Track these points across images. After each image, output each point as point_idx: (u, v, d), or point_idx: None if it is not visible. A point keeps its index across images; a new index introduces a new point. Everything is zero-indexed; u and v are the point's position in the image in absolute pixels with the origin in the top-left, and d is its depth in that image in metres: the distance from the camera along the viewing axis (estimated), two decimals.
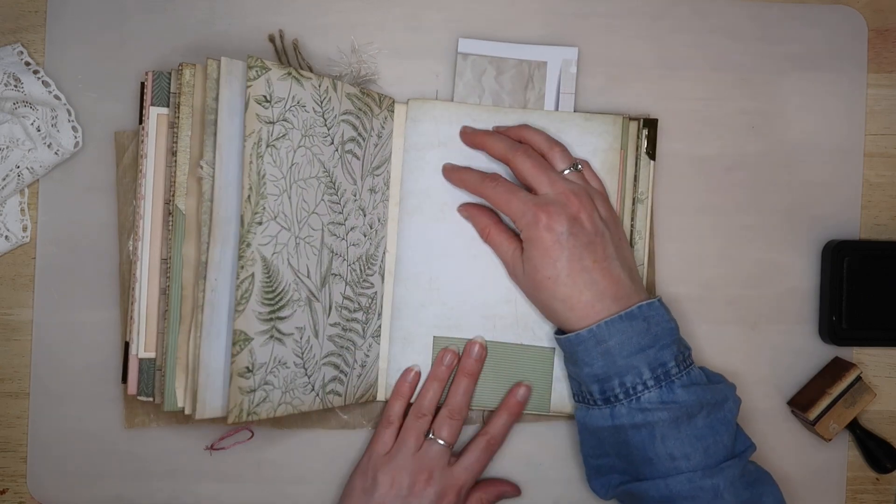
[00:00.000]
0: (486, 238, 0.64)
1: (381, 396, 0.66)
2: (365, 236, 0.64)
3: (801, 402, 0.67)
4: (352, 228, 0.63)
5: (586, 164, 0.64)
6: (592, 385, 0.59)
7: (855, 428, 0.67)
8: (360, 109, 0.64)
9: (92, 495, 0.66)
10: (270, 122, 0.58)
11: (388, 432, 0.64)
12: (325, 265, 0.62)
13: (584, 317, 0.58)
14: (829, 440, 0.66)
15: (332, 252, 0.62)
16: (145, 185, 0.62)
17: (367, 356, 0.65)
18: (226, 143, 0.58)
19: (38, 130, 0.64)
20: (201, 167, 0.58)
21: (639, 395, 0.57)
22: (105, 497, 0.66)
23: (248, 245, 0.57)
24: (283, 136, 0.59)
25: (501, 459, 0.67)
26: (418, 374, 0.65)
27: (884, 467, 0.67)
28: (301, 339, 0.60)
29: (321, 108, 0.61)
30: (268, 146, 0.58)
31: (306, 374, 0.61)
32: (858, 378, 0.66)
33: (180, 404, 0.60)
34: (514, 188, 0.61)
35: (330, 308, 0.62)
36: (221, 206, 0.58)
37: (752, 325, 0.68)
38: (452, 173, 0.65)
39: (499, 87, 0.66)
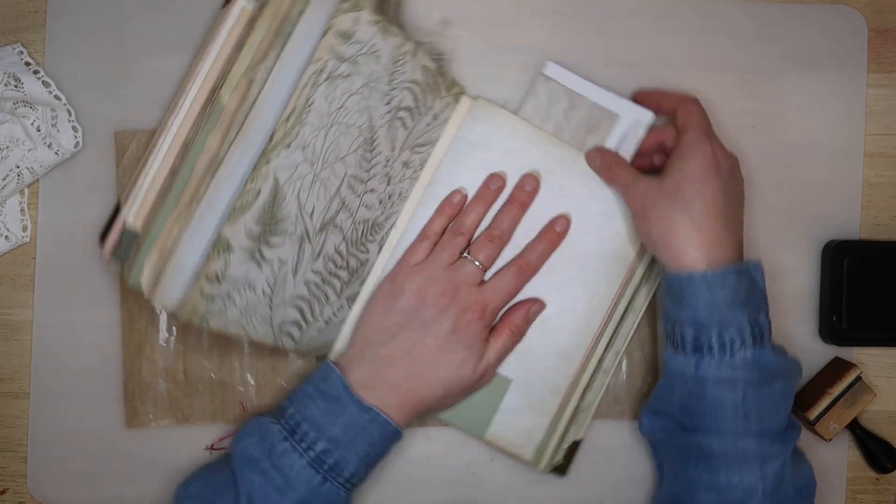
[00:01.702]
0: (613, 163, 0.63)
1: (333, 357, 0.65)
2: (380, 203, 0.64)
3: (801, 402, 0.67)
4: (370, 190, 0.63)
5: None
6: (688, 328, 0.57)
7: (855, 428, 0.67)
8: (428, 84, 0.63)
9: (92, 495, 0.66)
10: (340, 59, 0.58)
11: (423, 245, 0.63)
12: (331, 214, 0.61)
13: (706, 251, 0.57)
14: (829, 440, 0.66)
15: (343, 204, 0.62)
16: (204, 63, 0.60)
17: (335, 316, 0.64)
18: (290, 58, 0.57)
19: (38, 130, 0.64)
20: (258, 70, 0.58)
21: (735, 351, 0.56)
22: (105, 497, 0.66)
23: (268, 161, 0.57)
24: (346, 76, 0.58)
25: (500, 458, 0.67)
26: (465, 197, 0.64)
27: (884, 467, 0.67)
28: (279, 270, 0.60)
29: (393, 67, 0.60)
30: (327, 79, 0.58)
31: (270, 307, 0.60)
32: (858, 378, 0.66)
33: (143, 283, 0.58)
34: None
35: (318, 255, 0.61)
36: (260, 115, 0.57)
37: None
38: (648, 93, 0.65)
39: (565, 120, 0.65)
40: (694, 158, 0.58)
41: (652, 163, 0.65)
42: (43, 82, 0.65)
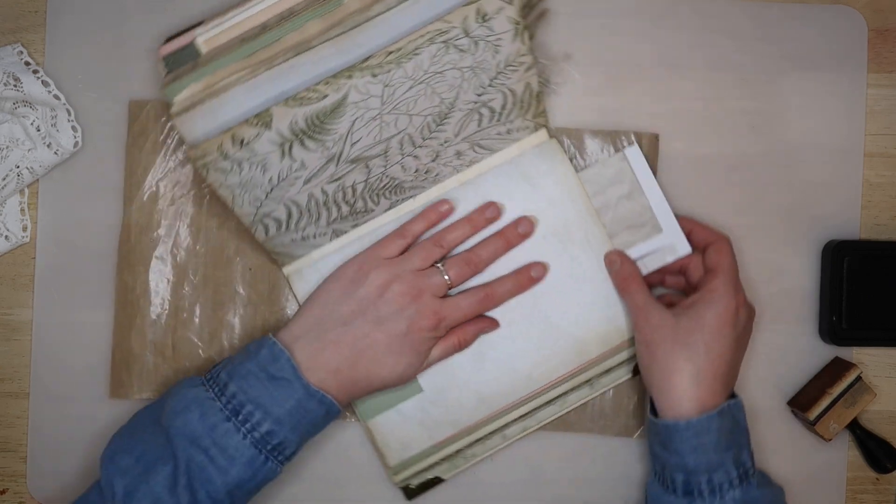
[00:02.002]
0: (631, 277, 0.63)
1: (286, 271, 0.65)
2: (415, 171, 0.64)
3: (801, 402, 0.67)
4: (415, 156, 0.63)
5: None
6: (677, 474, 0.58)
7: (855, 428, 0.67)
8: (521, 101, 0.63)
9: None
10: (466, 33, 0.59)
11: (398, 242, 0.63)
12: (370, 154, 0.62)
13: (699, 403, 0.58)
14: (829, 440, 0.66)
15: (385, 153, 0.62)
16: None
17: (314, 238, 0.65)
18: (426, 4, 0.58)
19: (38, 130, 0.64)
20: None
21: (724, 493, 0.57)
22: None
23: (350, 77, 0.58)
24: (461, 50, 0.59)
25: (500, 459, 0.67)
26: (452, 210, 0.65)
27: (884, 467, 0.67)
28: (294, 171, 0.61)
29: (503, 68, 0.61)
30: (444, 43, 0.59)
31: (266, 195, 0.61)
32: (858, 378, 0.66)
33: (176, 101, 0.59)
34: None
35: (335, 180, 0.62)
36: (370, 33, 0.58)
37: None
38: (686, 220, 0.65)
39: (614, 204, 0.65)
40: (716, 309, 0.59)
41: (663, 280, 0.66)
42: (42, 82, 0.65)
